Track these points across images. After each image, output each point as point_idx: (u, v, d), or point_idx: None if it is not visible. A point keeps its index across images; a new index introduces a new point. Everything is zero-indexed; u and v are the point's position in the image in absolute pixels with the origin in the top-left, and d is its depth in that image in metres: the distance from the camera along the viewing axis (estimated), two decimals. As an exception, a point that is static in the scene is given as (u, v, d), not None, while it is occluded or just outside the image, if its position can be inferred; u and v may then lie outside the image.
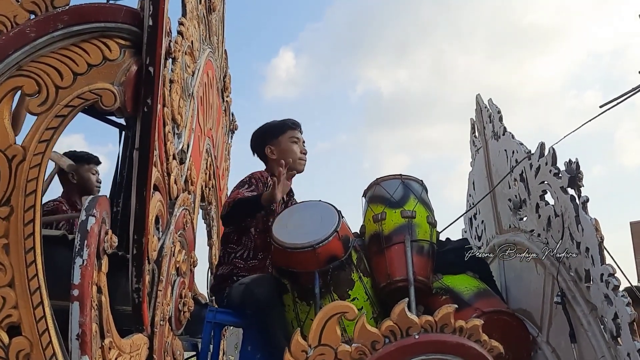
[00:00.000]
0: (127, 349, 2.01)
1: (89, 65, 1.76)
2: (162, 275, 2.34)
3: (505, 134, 3.80)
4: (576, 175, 2.96)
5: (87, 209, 1.70)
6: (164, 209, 2.37)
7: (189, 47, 2.76)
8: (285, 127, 3.67)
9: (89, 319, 1.67)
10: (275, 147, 3.63)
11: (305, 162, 3.68)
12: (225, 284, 3.37)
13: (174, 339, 2.67)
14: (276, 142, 3.64)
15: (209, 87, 3.63)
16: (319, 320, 2.01)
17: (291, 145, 3.63)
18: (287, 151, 3.60)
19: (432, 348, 2.05)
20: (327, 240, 2.99)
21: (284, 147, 3.62)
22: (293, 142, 3.64)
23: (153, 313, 2.28)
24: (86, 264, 1.67)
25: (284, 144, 3.63)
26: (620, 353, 2.66)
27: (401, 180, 3.54)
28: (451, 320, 2.06)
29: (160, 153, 2.22)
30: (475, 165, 4.55)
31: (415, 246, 3.29)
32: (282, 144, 3.63)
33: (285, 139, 3.64)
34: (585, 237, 2.87)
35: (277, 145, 3.63)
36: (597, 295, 2.80)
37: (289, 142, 3.63)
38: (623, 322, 2.63)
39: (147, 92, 1.86)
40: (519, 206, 3.63)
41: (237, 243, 3.43)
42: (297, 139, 3.65)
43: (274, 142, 3.64)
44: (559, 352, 3.20)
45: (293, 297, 3.10)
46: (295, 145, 3.63)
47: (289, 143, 3.63)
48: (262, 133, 3.71)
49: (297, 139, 3.65)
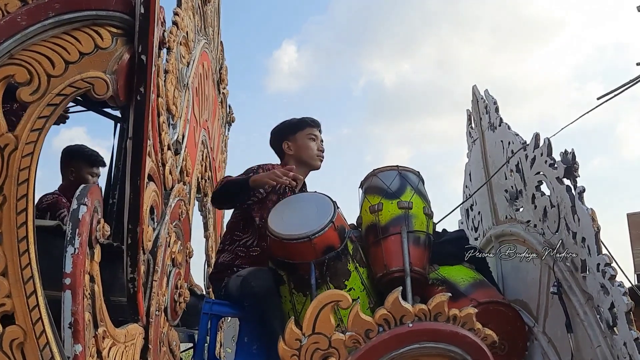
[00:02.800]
0: (122, 338, 2.01)
1: (80, 53, 1.75)
2: (157, 266, 2.33)
3: (501, 124, 3.79)
4: (572, 165, 2.96)
5: (79, 197, 1.70)
6: (159, 200, 2.37)
7: (183, 38, 2.75)
8: (304, 125, 3.69)
9: (81, 308, 1.67)
10: (292, 142, 3.64)
11: (323, 160, 3.69)
12: (225, 274, 3.37)
13: (170, 329, 2.67)
14: (294, 138, 3.65)
15: (204, 79, 3.62)
16: (313, 308, 2.01)
17: (308, 142, 3.64)
18: (304, 147, 3.62)
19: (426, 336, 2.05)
20: (323, 231, 2.99)
21: (301, 143, 3.64)
22: (310, 139, 3.65)
23: (148, 303, 2.28)
24: (78, 252, 1.66)
25: (301, 140, 3.64)
26: (617, 342, 2.66)
27: (398, 171, 3.55)
28: (445, 308, 2.05)
29: (154, 143, 2.21)
30: (471, 156, 4.55)
31: (411, 237, 3.30)
32: (300, 140, 3.64)
33: (303, 136, 3.65)
34: (582, 227, 2.87)
35: (295, 141, 3.64)
36: (593, 285, 2.81)
37: (307, 139, 3.64)
38: (619, 311, 2.64)
39: (139, 80, 1.85)
40: (515, 197, 3.64)
41: (244, 231, 3.45)
42: (315, 137, 3.67)
43: (292, 138, 3.65)
44: (555, 342, 3.21)
45: (289, 288, 3.11)
46: (313, 143, 3.65)
47: (306, 140, 3.64)
48: (281, 129, 3.73)
49: (315, 137, 3.67)
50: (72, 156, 4.14)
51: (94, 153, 4.20)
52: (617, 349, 2.66)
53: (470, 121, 4.54)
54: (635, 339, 2.55)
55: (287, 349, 1.98)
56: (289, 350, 1.98)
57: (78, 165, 4.11)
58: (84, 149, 4.23)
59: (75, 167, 4.10)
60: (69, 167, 4.10)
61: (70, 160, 4.13)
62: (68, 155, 4.15)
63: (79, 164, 4.11)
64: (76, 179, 4.00)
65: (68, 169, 4.10)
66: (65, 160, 4.14)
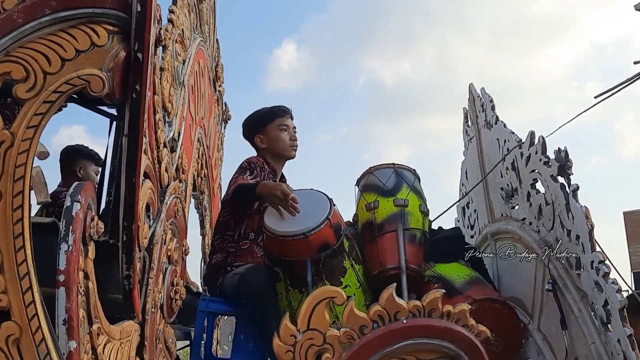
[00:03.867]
0: (117, 335, 2.01)
1: (77, 51, 1.75)
2: (153, 263, 2.34)
3: (497, 122, 3.80)
4: (565, 163, 2.97)
5: (72, 195, 1.71)
6: (155, 197, 2.37)
7: (179, 36, 2.76)
8: (273, 116, 3.66)
9: (75, 305, 1.68)
10: (264, 136, 3.62)
11: (297, 148, 3.68)
12: (219, 274, 3.37)
13: (166, 326, 2.67)
14: (265, 131, 3.62)
15: (200, 76, 3.62)
16: (307, 305, 2.02)
17: (280, 133, 3.61)
18: (276, 140, 3.60)
19: (420, 333, 2.05)
20: (319, 228, 2.99)
21: (272, 135, 3.61)
22: (282, 129, 3.62)
23: (144, 300, 2.28)
24: (71, 249, 1.67)
25: (272, 132, 3.62)
26: (611, 339, 2.68)
27: (394, 169, 3.55)
28: (439, 305, 2.06)
29: (150, 141, 2.22)
30: (467, 154, 4.56)
31: (407, 234, 3.30)
32: (271, 132, 3.62)
33: (274, 128, 3.62)
34: (576, 225, 2.89)
35: (266, 134, 3.62)
36: (587, 283, 2.82)
37: (277, 131, 3.62)
38: (613, 308, 2.65)
39: (135, 78, 1.85)
40: (510, 195, 3.64)
41: (234, 229, 3.44)
42: (287, 126, 3.64)
43: (263, 131, 3.63)
44: (549, 339, 3.22)
45: (285, 285, 3.11)
46: (284, 133, 3.62)
47: (277, 131, 3.62)
48: (251, 122, 3.71)
49: (286, 127, 3.64)
50: (79, 155, 4.33)
51: (96, 152, 4.36)
52: (611, 345, 2.67)
53: (467, 119, 4.55)
54: (629, 336, 2.56)
55: (282, 345, 1.99)
56: (283, 347, 1.99)
57: (85, 163, 4.29)
58: (87, 148, 4.41)
59: (83, 165, 4.28)
60: (77, 165, 4.26)
61: (78, 159, 4.30)
62: (74, 153, 4.33)
63: (85, 163, 4.30)
64: (84, 177, 4.17)
65: (76, 167, 4.25)
66: (73, 157, 4.30)
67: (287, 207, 3.03)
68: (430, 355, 2.09)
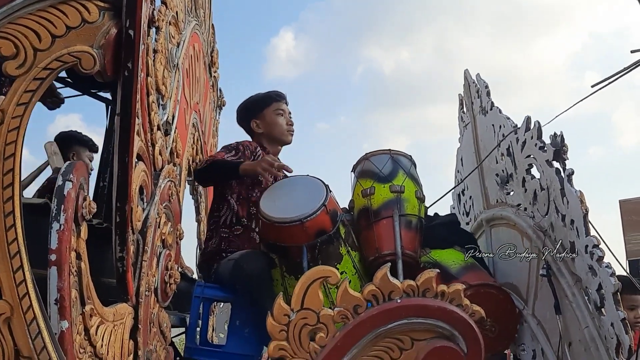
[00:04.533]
0: (110, 317, 2.01)
1: (67, 27, 1.73)
2: (147, 246, 2.33)
3: (492, 108, 3.79)
4: (561, 148, 2.97)
5: (64, 174, 1.69)
6: (149, 180, 2.36)
7: (173, 18, 2.73)
8: (269, 100, 3.66)
9: (67, 284, 1.67)
10: (260, 120, 3.62)
11: (293, 133, 3.68)
12: (214, 261, 3.38)
13: (161, 310, 2.67)
14: (261, 115, 3.63)
15: (195, 60, 3.60)
16: (301, 284, 2.01)
17: (276, 117, 3.62)
18: (273, 124, 3.61)
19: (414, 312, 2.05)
20: (315, 215, 2.99)
21: (269, 120, 3.62)
22: (278, 114, 3.63)
23: (138, 283, 2.28)
24: (63, 228, 1.66)
25: (269, 117, 3.63)
26: (604, 323, 2.68)
27: (390, 155, 3.54)
28: (433, 284, 2.06)
29: (144, 123, 2.20)
30: (463, 141, 4.55)
31: (403, 220, 3.30)
32: (268, 117, 3.63)
33: (270, 112, 3.63)
34: (570, 210, 2.88)
35: (262, 119, 3.63)
36: (581, 267, 2.82)
37: (274, 115, 3.63)
38: (607, 292, 2.65)
39: (127, 55, 1.84)
40: (506, 181, 3.64)
41: (219, 210, 3.46)
42: (283, 111, 3.65)
43: (259, 116, 3.64)
44: (544, 324, 3.23)
45: (281, 272, 3.11)
46: (281, 118, 3.63)
47: (274, 116, 3.63)
48: (247, 107, 3.71)
49: (282, 111, 3.64)
50: (72, 141, 4.33)
51: (90, 139, 4.39)
52: (605, 329, 2.67)
53: (462, 106, 4.54)
54: (622, 320, 2.57)
55: (275, 325, 1.98)
56: (277, 326, 1.99)
57: (78, 149, 4.30)
58: (81, 135, 4.43)
59: (77, 151, 4.28)
60: (71, 151, 4.25)
61: (72, 145, 4.30)
62: (67, 140, 4.31)
63: (79, 149, 4.31)
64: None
65: (69, 153, 4.21)
66: (67, 144, 4.26)
67: (277, 172, 3.07)
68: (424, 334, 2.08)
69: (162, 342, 2.70)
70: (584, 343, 2.82)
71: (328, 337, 2.02)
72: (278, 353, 2.01)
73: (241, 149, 3.43)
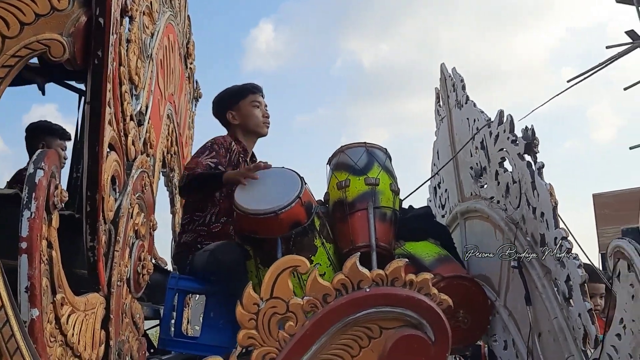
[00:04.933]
0: (82, 306, 2.00)
1: (36, 15, 1.71)
2: (119, 236, 2.32)
3: (467, 102, 3.83)
4: (532, 142, 3.01)
5: (35, 162, 1.68)
6: (121, 170, 2.35)
7: (147, 8, 2.73)
8: (246, 92, 3.65)
9: (38, 272, 1.66)
10: (236, 112, 3.61)
11: (268, 125, 3.68)
12: (189, 252, 3.37)
13: (133, 301, 2.66)
14: (237, 107, 3.62)
15: (169, 51, 3.59)
16: (271, 273, 2.02)
17: (252, 109, 3.62)
18: (249, 116, 3.60)
19: (383, 301, 2.07)
20: (290, 206, 3.00)
21: (245, 112, 3.61)
22: (254, 106, 3.62)
23: (110, 273, 2.27)
24: (34, 216, 1.65)
25: (245, 109, 3.62)
26: (572, 314, 2.73)
27: (365, 148, 3.56)
28: (402, 274, 2.08)
29: (116, 112, 2.19)
30: (439, 134, 4.58)
31: (378, 213, 3.32)
32: (243, 109, 3.62)
33: (247, 104, 3.62)
34: (541, 202, 2.93)
35: (238, 110, 3.62)
36: (551, 259, 2.87)
37: (250, 107, 3.62)
38: (575, 283, 2.71)
39: (97, 44, 1.82)
40: (479, 174, 3.68)
41: (202, 210, 3.43)
42: (259, 103, 3.64)
43: (235, 108, 3.62)
44: (515, 315, 3.27)
45: (256, 263, 3.12)
46: (257, 110, 3.62)
47: (250, 108, 3.62)
48: (223, 98, 3.69)
49: (258, 103, 3.64)
50: (42, 131, 4.22)
51: (61, 127, 4.27)
52: (573, 320, 2.72)
53: (439, 99, 4.57)
54: (589, 310, 2.62)
55: (244, 313, 1.99)
56: (246, 315, 1.99)
57: (48, 139, 4.17)
58: (51, 124, 4.31)
59: (46, 141, 4.15)
60: (40, 141, 4.13)
61: (41, 135, 4.18)
62: (38, 130, 4.23)
63: (48, 138, 4.18)
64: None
65: (39, 143, 4.10)
66: (36, 134, 4.19)
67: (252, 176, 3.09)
68: (393, 323, 2.10)
69: (135, 333, 2.69)
70: (553, 333, 2.87)
71: (297, 326, 2.03)
72: (247, 341, 2.02)
73: (216, 148, 3.41)
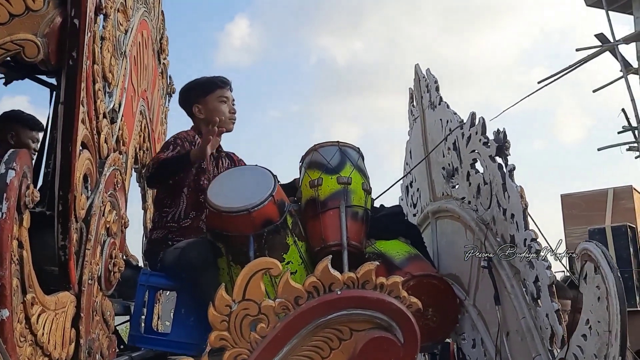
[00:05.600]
0: (52, 305, 1.99)
1: (10, 15, 1.70)
2: (90, 234, 2.31)
3: (441, 103, 3.86)
4: (503, 144, 3.05)
5: (7, 162, 1.67)
6: (93, 168, 2.34)
7: (121, 5, 2.71)
8: (213, 86, 3.61)
9: (8, 272, 1.65)
10: (202, 106, 3.58)
11: (235, 121, 3.65)
12: (160, 248, 3.36)
13: (104, 299, 2.65)
14: (204, 101, 3.59)
15: (143, 48, 3.56)
16: (243, 275, 2.02)
17: (219, 105, 3.58)
18: (215, 111, 3.55)
19: (354, 304, 2.08)
20: (263, 205, 3.00)
21: (212, 106, 3.58)
22: (221, 101, 3.59)
23: (81, 272, 2.26)
24: (5, 217, 1.64)
25: (211, 103, 3.58)
26: (540, 314, 2.78)
27: (338, 147, 3.57)
28: (372, 277, 2.09)
29: (89, 110, 2.18)
30: (412, 134, 4.61)
31: (349, 212, 3.33)
32: (210, 103, 3.58)
33: (214, 99, 3.59)
34: (511, 204, 2.97)
35: (205, 105, 3.58)
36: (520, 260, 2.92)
37: (217, 102, 3.59)
38: (543, 284, 2.76)
39: (72, 44, 1.82)
40: (451, 174, 3.72)
41: (170, 206, 3.41)
42: (226, 98, 3.61)
43: (202, 102, 3.59)
44: (484, 315, 3.32)
45: (227, 261, 3.11)
46: (224, 105, 3.59)
47: (216, 103, 3.59)
48: (189, 90, 3.66)
49: (225, 98, 3.60)
50: (11, 120, 4.02)
51: (32, 117, 4.08)
52: (540, 320, 2.77)
53: (412, 99, 4.61)
54: (556, 311, 2.67)
55: (217, 315, 2.00)
56: (219, 316, 2.00)
57: (18, 130, 3.99)
58: (22, 114, 4.11)
59: (16, 131, 3.98)
60: (9, 131, 3.97)
61: (10, 125, 4.00)
62: (6, 120, 4.02)
63: (18, 129, 4.00)
64: (17, 144, 3.86)
65: (8, 134, 3.96)
66: (4, 125, 4.00)
67: (217, 135, 3.19)
68: (363, 325, 2.13)
69: (105, 330, 2.69)
70: (521, 333, 2.92)
71: (269, 328, 2.04)
72: (219, 343, 2.02)
73: (179, 143, 3.39)
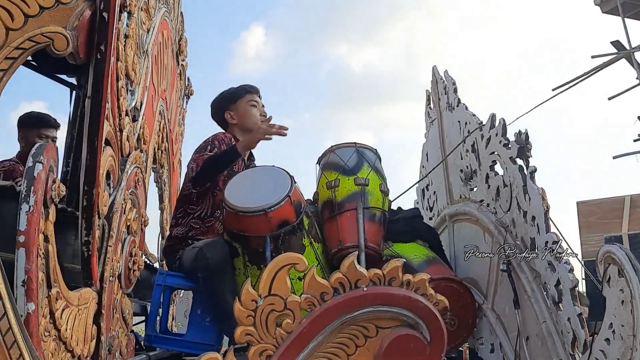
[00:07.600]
0: (75, 301, 1.99)
1: (40, 7, 1.70)
2: (112, 231, 2.32)
3: (459, 105, 3.85)
4: (525, 145, 3.03)
5: (34, 155, 1.67)
6: (116, 165, 2.34)
7: (144, 3, 2.72)
8: (243, 92, 3.66)
9: (35, 266, 1.65)
10: (234, 112, 3.61)
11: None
12: (179, 246, 3.36)
13: (124, 297, 2.65)
14: (234, 107, 3.62)
15: (163, 47, 3.57)
16: (269, 271, 2.01)
17: (250, 108, 3.62)
18: (247, 115, 3.60)
19: (380, 300, 2.07)
20: (279, 205, 2.99)
21: (243, 111, 3.61)
22: (252, 105, 3.63)
23: (102, 268, 2.26)
24: (33, 210, 1.64)
25: (242, 108, 3.61)
26: (561, 318, 2.75)
27: (355, 148, 3.55)
28: (399, 274, 2.08)
29: (112, 107, 2.18)
30: (429, 136, 4.60)
31: (367, 213, 3.31)
32: (241, 108, 3.62)
33: (244, 103, 3.62)
34: (532, 206, 2.95)
35: (236, 110, 3.61)
36: (541, 263, 2.89)
37: (248, 106, 3.62)
38: (565, 288, 2.73)
39: (100, 38, 1.82)
40: (469, 177, 3.69)
41: (197, 203, 3.41)
42: (256, 102, 3.65)
43: (233, 107, 3.62)
44: (503, 319, 3.30)
45: (244, 261, 3.11)
46: (255, 109, 3.62)
47: (247, 107, 3.62)
48: (220, 100, 3.69)
49: (255, 102, 3.64)
50: (20, 123, 4.07)
51: (40, 115, 4.10)
52: (562, 324, 2.75)
53: (429, 101, 4.59)
54: (579, 315, 2.64)
55: (243, 310, 1.99)
56: (245, 311, 1.99)
57: (25, 130, 4.03)
58: (31, 113, 4.14)
59: (24, 132, 4.02)
60: (19, 134, 4.02)
61: (19, 127, 4.05)
62: (18, 123, 4.07)
63: (25, 129, 4.03)
64: (27, 145, 3.89)
65: (18, 136, 4.01)
66: (18, 128, 4.05)
67: (278, 131, 3.24)
68: (389, 322, 2.11)
69: (124, 329, 2.69)
70: (541, 337, 2.89)
71: (295, 323, 2.03)
72: (245, 338, 2.01)
73: (217, 144, 3.40)
